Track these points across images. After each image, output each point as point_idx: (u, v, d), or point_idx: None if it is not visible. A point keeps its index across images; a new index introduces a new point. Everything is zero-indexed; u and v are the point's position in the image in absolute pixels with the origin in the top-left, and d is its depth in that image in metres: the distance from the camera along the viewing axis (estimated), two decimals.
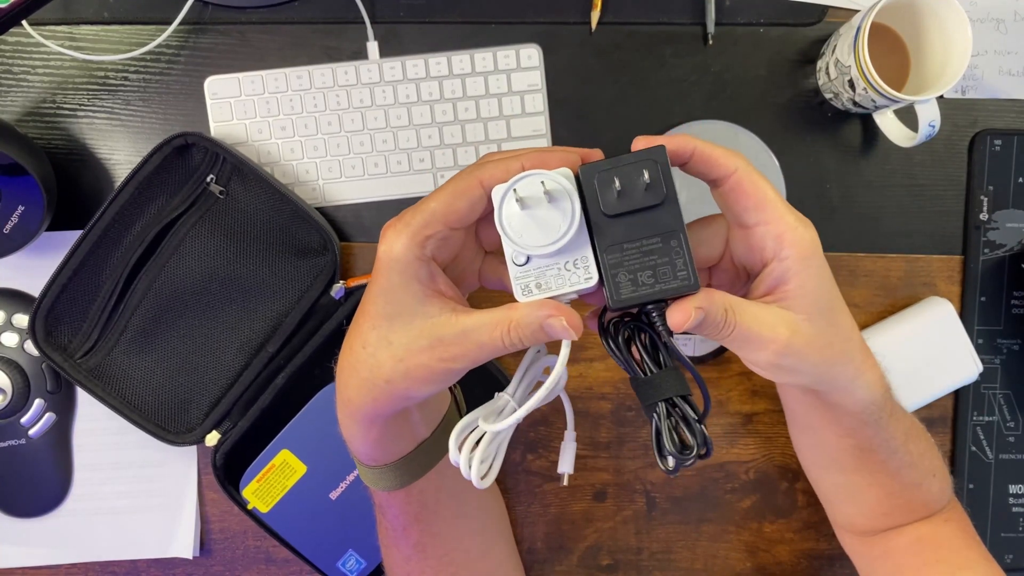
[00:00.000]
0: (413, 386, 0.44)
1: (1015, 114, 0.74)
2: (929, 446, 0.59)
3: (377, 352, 0.43)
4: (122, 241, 0.67)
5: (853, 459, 0.55)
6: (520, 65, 0.72)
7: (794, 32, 0.73)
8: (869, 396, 0.49)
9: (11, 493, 0.73)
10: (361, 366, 0.44)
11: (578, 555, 0.76)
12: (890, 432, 0.53)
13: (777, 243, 0.43)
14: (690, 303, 0.41)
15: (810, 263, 0.43)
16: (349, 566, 0.69)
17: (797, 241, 0.43)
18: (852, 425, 0.52)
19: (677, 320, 0.41)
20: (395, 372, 0.43)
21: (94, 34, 0.71)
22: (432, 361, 0.43)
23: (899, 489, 0.57)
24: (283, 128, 0.71)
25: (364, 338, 0.44)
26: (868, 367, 0.49)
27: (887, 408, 0.52)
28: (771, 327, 0.43)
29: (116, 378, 0.69)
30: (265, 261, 0.69)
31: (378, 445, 0.48)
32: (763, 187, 0.43)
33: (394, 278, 0.42)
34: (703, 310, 0.41)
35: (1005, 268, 0.74)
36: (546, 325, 0.42)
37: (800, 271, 0.43)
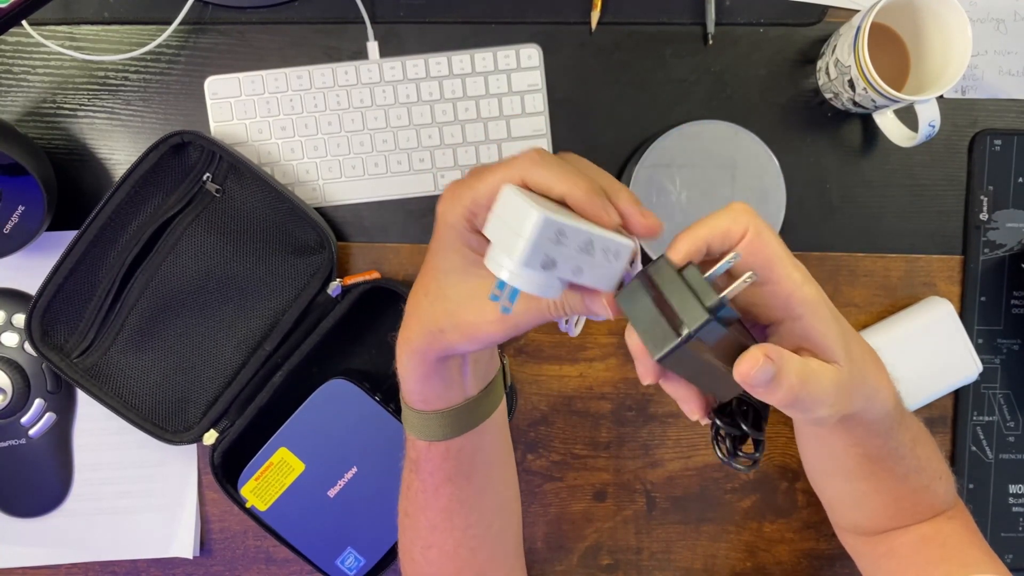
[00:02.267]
0: (461, 341, 0.46)
1: (1015, 114, 0.74)
2: (934, 449, 0.58)
3: (435, 302, 0.47)
4: (118, 240, 0.67)
5: (860, 467, 0.55)
6: (520, 65, 0.72)
7: (794, 32, 0.73)
8: (883, 410, 0.49)
9: (11, 493, 0.73)
10: (421, 311, 0.47)
11: (578, 555, 0.76)
12: (899, 440, 0.53)
13: (787, 303, 0.43)
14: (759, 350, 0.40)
15: (822, 313, 0.43)
16: (348, 564, 0.69)
17: (805, 299, 0.42)
18: (862, 436, 0.52)
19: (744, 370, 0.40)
20: (447, 324, 0.46)
21: (94, 34, 0.71)
22: (478, 321, 0.45)
23: (906, 494, 0.57)
24: (283, 128, 0.71)
25: (426, 286, 0.47)
26: (883, 384, 0.49)
27: (897, 418, 0.52)
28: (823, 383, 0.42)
29: (113, 377, 0.69)
30: (262, 259, 0.69)
31: (428, 382, 0.50)
32: (773, 247, 0.42)
33: (448, 239, 0.45)
34: (772, 361, 0.40)
35: (1005, 268, 0.74)
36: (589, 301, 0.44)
37: (818, 325, 0.43)
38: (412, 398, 0.52)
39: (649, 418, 0.75)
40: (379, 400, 0.68)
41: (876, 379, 0.48)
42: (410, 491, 0.56)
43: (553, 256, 0.39)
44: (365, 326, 0.72)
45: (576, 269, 0.40)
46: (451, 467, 0.54)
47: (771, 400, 0.42)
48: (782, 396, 0.41)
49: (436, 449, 0.53)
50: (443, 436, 0.52)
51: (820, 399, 0.42)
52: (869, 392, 0.47)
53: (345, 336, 0.71)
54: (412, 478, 0.56)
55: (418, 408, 0.52)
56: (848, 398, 0.45)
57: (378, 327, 0.72)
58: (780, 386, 0.40)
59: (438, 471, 0.54)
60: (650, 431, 0.75)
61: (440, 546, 0.57)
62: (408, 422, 0.53)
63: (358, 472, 0.68)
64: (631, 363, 0.73)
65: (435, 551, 0.57)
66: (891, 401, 0.50)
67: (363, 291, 0.69)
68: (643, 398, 0.74)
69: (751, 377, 0.40)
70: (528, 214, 0.38)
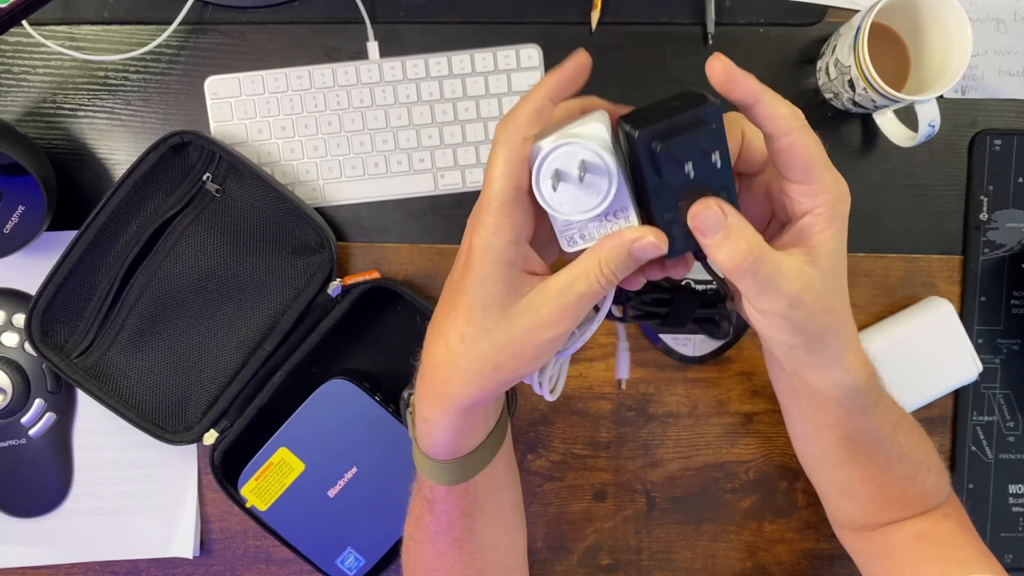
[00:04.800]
0: (522, 365, 0.45)
1: (1015, 114, 0.74)
2: (922, 441, 0.59)
3: (477, 343, 0.44)
4: (118, 240, 0.67)
5: (842, 450, 0.55)
6: (520, 65, 0.72)
7: (794, 32, 0.73)
8: (850, 379, 0.49)
9: (11, 493, 0.73)
10: (462, 359, 0.45)
11: (578, 555, 0.76)
12: (876, 422, 0.53)
13: (813, 201, 0.44)
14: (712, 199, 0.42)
15: (836, 222, 0.44)
16: (348, 564, 0.70)
17: (831, 201, 0.44)
18: (836, 413, 0.52)
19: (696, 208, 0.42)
20: (501, 357, 0.44)
21: (94, 34, 0.71)
22: (536, 334, 0.44)
23: (890, 482, 0.57)
24: (283, 128, 0.71)
25: (460, 332, 0.44)
26: (852, 349, 0.49)
27: (872, 396, 0.52)
28: (791, 279, 0.43)
29: (113, 377, 0.69)
30: (262, 259, 0.69)
31: (462, 437, 0.49)
32: (813, 151, 0.43)
33: (487, 268, 0.43)
34: (723, 213, 0.41)
35: (1005, 268, 0.74)
36: (635, 249, 0.42)
37: (825, 229, 0.44)
38: (437, 451, 0.50)
39: (649, 418, 0.75)
40: (379, 400, 0.68)
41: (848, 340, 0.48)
42: (421, 522, 0.55)
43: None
44: (365, 326, 0.72)
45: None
46: (468, 504, 0.53)
47: (721, 257, 0.42)
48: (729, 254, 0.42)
49: (456, 491, 0.52)
50: (465, 478, 0.51)
51: (775, 280, 0.43)
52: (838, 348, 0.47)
53: (345, 336, 0.71)
54: (423, 512, 0.54)
55: (442, 459, 0.50)
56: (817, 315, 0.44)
57: (378, 327, 0.72)
58: (728, 241, 0.41)
59: (454, 509, 0.53)
60: (650, 431, 0.75)
61: (447, 570, 0.56)
62: (426, 470, 0.51)
63: (358, 472, 0.68)
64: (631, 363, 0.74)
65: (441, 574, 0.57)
66: (860, 374, 0.49)
67: (363, 291, 0.69)
68: (643, 398, 0.74)
69: (700, 218, 0.41)
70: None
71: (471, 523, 0.54)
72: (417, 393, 0.49)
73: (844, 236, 0.45)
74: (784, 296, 0.43)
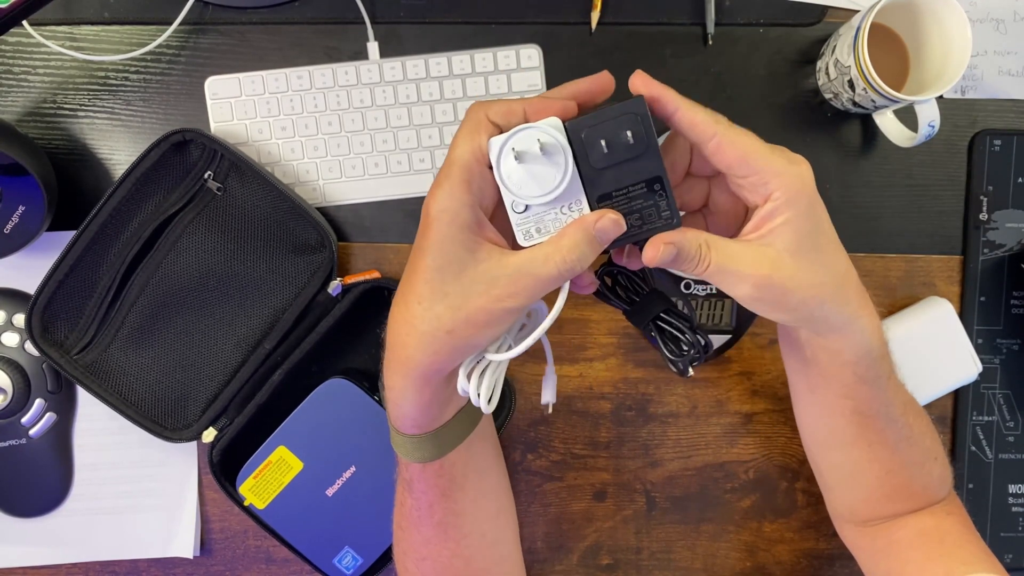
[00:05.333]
0: (475, 332, 0.45)
1: (1015, 114, 0.74)
2: (929, 428, 0.58)
3: (433, 305, 0.45)
4: (119, 237, 0.68)
5: (852, 427, 0.55)
6: (520, 65, 0.72)
7: (794, 32, 0.73)
8: (865, 342, 0.50)
9: (11, 493, 0.73)
10: (418, 321, 0.45)
11: (578, 555, 0.76)
12: (888, 397, 0.53)
13: (766, 188, 0.45)
14: (661, 239, 0.44)
15: (798, 202, 0.45)
16: (346, 563, 0.70)
17: (785, 184, 0.45)
18: (850, 381, 0.52)
19: (649, 255, 0.45)
20: (455, 321, 0.44)
21: (95, 34, 0.71)
22: (490, 303, 0.44)
23: (898, 466, 0.57)
24: (284, 128, 0.72)
25: (418, 294, 0.45)
26: (865, 312, 0.49)
27: (885, 366, 0.52)
28: (749, 263, 0.45)
29: (113, 374, 0.69)
30: (262, 258, 0.69)
31: (428, 409, 0.49)
32: (744, 143, 0.45)
33: (443, 229, 0.44)
34: (674, 245, 0.44)
35: (1005, 268, 0.74)
36: (598, 230, 0.44)
37: (787, 209, 0.45)
38: (404, 423, 0.50)
39: (649, 418, 0.75)
40: (378, 400, 0.68)
41: (859, 303, 0.49)
42: (404, 507, 0.56)
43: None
44: (365, 326, 0.72)
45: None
46: (445, 483, 0.53)
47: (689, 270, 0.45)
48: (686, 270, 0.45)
49: (430, 468, 0.52)
50: (437, 455, 0.51)
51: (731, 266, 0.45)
52: (848, 313, 0.48)
53: (345, 335, 0.71)
54: (405, 496, 0.55)
55: (411, 433, 0.50)
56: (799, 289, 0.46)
57: (378, 327, 0.72)
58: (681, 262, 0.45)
59: (432, 489, 0.54)
60: (650, 431, 0.75)
61: (435, 558, 0.57)
62: (399, 446, 0.52)
63: (356, 471, 0.68)
64: (631, 363, 0.74)
65: (429, 563, 0.57)
66: (875, 336, 0.50)
67: (363, 290, 0.69)
68: (643, 398, 0.74)
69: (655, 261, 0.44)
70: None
71: (452, 504, 0.54)
72: (384, 362, 0.50)
73: (815, 209, 0.46)
74: (747, 279, 0.45)
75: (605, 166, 0.45)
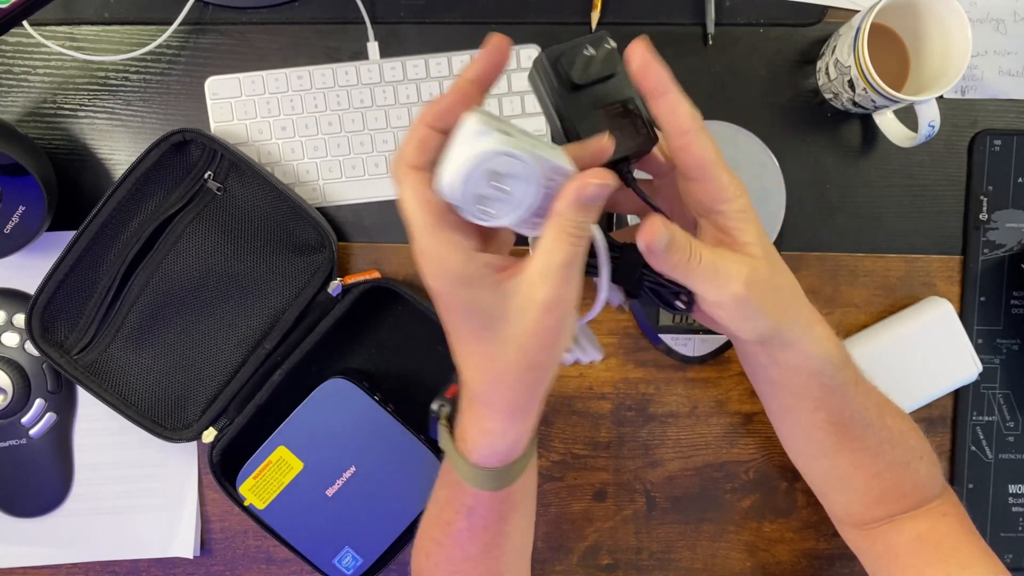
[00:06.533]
0: (554, 351, 0.45)
1: (1015, 114, 0.74)
2: (911, 428, 0.59)
3: (503, 356, 0.44)
4: (119, 237, 0.68)
5: (831, 437, 0.56)
6: (520, 65, 0.72)
7: (794, 32, 0.73)
8: (823, 350, 0.51)
9: (12, 493, 0.73)
10: (500, 376, 0.45)
11: (578, 555, 0.76)
12: (860, 403, 0.54)
13: (713, 199, 0.47)
14: (657, 219, 0.44)
15: (747, 217, 0.47)
16: (345, 563, 0.69)
17: (731, 198, 0.47)
18: (818, 394, 0.53)
19: (645, 234, 0.44)
20: (531, 355, 0.44)
21: (95, 34, 0.71)
22: (548, 320, 0.43)
23: (884, 469, 0.57)
24: (284, 128, 0.72)
25: (482, 354, 0.44)
26: (816, 321, 0.51)
27: (848, 372, 0.53)
28: (732, 261, 0.46)
29: (113, 374, 0.69)
30: (262, 258, 0.69)
31: (519, 441, 0.49)
32: (709, 151, 0.46)
33: (462, 295, 0.43)
34: (668, 230, 0.44)
35: (1005, 268, 0.74)
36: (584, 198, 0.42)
37: (739, 222, 0.47)
38: (492, 459, 0.49)
39: (649, 418, 0.75)
40: (378, 400, 0.68)
41: (809, 314, 0.51)
42: (451, 527, 0.54)
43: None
44: (365, 326, 0.72)
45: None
46: (507, 508, 0.53)
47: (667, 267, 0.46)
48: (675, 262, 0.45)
49: (499, 495, 0.51)
50: (510, 483, 0.51)
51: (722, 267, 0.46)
52: (802, 323, 0.50)
53: (345, 335, 0.71)
54: (457, 519, 0.54)
55: (494, 466, 0.49)
56: (768, 296, 0.47)
57: (378, 327, 0.72)
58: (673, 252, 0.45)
59: (492, 513, 0.53)
60: (650, 431, 0.75)
61: (468, 572, 0.56)
62: (473, 479, 0.50)
63: (356, 472, 0.68)
64: (631, 363, 0.74)
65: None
66: (830, 344, 0.51)
67: (363, 291, 0.69)
68: (643, 398, 0.74)
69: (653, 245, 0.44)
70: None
71: (505, 527, 0.54)
72: (467, 412, 0.49)
73: (761, 227, 0.48)
74: (736, 278, 0.46)
75: (583, 84, 0.46)
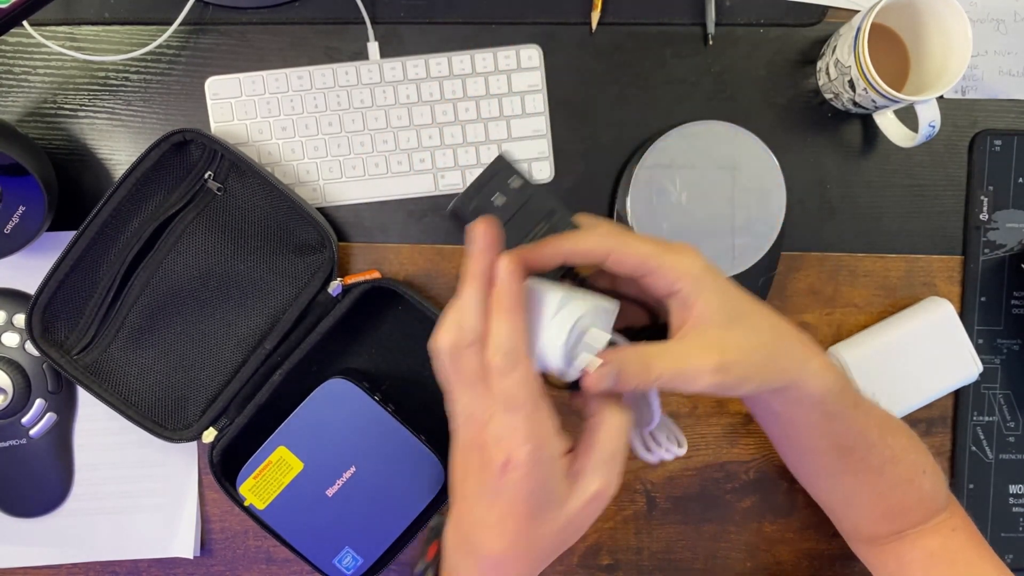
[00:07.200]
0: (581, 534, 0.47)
1: (1015, 114, 0.74)
2: (913, 443, 0.59)
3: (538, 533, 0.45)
4: (119, 237, 0.67)
5: (836, 461, 0.56)
6: (520, 66, 0.72)
7: (794, 32, 0.73)
8: (822, 382, 0.50)
9: (12, 493, 0.73)
10: (529, 550, 0.45)
11: (578, 555, 0.76)
12: (861, 425, 0.54)
13: (666, 283, 0.46)
14: (597, 370, 0.44)
15: (703, 283, 0.46)
16: (345, 563, 0.69)
17: (681, 274, 0.46)
18: (820, 423, 0.53)
19: (590, 384, 0.45)
20: (566, 539, 0.46)
21: (95, 35, 0.71)
22: (593, 510, 0.45)
23: (888, 487, 0.58)
24: (284, 128, 0.72)
25: (520, 532, 0.44)
26: (812, 355, 0.50)
27: (848, 398, 0.53)
28: (697, 356, 0.46)
29: (113, 374, 0.69)
30: (262, 258, 0.69)
31: None
32: (635, 249, 0.46)
33: (540, 473, 0.44)
34: (612, 364, 0.44)
35: (1005, 268, 0.74)
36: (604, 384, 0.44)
37: (696, 294, 0.46)
38: None
39: None
40: (378, 400, 0.68)
41: (803, 351, 0.50)
42: None
43: None
44: (365, 326, 0.72)
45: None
46: None
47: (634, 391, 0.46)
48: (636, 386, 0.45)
49: None
50: None
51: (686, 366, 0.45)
52: (797, 364, 0.49)
53: (345, 335, 0.71)
54: None
55: None
56: (750, 360, 0.47)
57: (378, 327, 0.72)
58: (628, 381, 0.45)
59: None
60: None
61: None
62: None
63: (356, 472, 0.68)
64: None
65: None
66: (829, 375, 0.50)
67: (363, 291, 0.69)
68: None
69: (597, 388, 0.45)
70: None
71: None
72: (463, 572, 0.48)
73: (719, 283, 0.47)
74: (703, 371, 0.45)
75: (507, 219, 0.48)
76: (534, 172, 0.72)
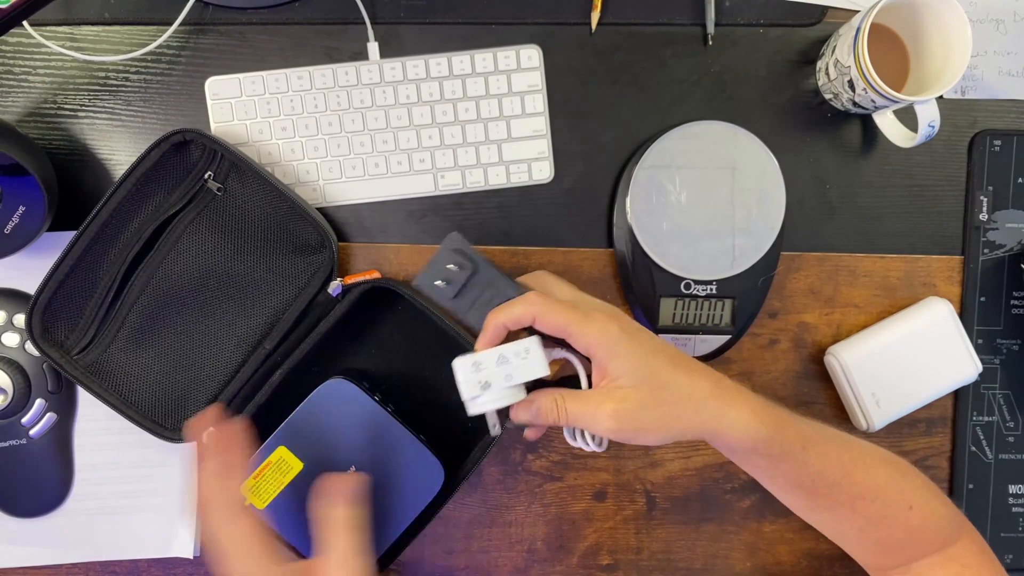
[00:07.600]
0: None
1: (1015, 114, 0.74)
2: (891, 481, 0.58)
3: None
4: (119, 237, 0.68)
5: (801, 498, 0.59)
6: (520, 66, 0.72)
7: (794, 32, 0.73)
8: (744, 432, 0.53)
9: (12, 493, 0.73)
10: None
11: (578, 555, 0.76)
12: (814, 465, 0.55)
13: (583, 347, 0.53)
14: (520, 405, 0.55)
15: (615, 351, 0.52)
16: None
17: (593, 342, 0.52)
18: (768, 466, 0.56)
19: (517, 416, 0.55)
20: None
21: (95, 35, 0.71)
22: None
23: (866, 523, 0.58)
24: (284, 129, 0.72)
25: None
26: (729, 404, 0.53)
27: (787, 440, 0.54)
28: (598, 403, 0.52)
29: (113, 374, 0.69)
30: (262, 258, 0.69)
31: None
32: (554, 317, 0.53)
33: None
34: (533, 403, 0.54)
35: (1005, 268, 0.74)
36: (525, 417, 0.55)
37: (610, 359, 0.52)
38: None
39: None
40: (378, 400, 0.68)
41: (718, 403, 0.53)
42: None
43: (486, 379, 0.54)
44: (365, 326, 0.72)
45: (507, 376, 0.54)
46: None
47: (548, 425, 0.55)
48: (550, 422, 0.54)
49: None
50: None
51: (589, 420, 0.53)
52: (711, 417, 0.53)
53: (345, 335, 0.71)
54: None
55: None
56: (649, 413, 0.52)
57: (378, 327, 0.72)
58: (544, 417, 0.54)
59: None
60: None
61: None
62: None
63: (356, 472, 0.68)
64: None
65: None
66: (752, 421, 0.53)
67: (363, 291, 0.69)
68: None
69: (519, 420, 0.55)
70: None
71: None
72: None
73: (636, 349, 0.53)
74: (601, 416, 0.52)
75: (455, 295, 0.57)
76: (534, 172, 0.72)
